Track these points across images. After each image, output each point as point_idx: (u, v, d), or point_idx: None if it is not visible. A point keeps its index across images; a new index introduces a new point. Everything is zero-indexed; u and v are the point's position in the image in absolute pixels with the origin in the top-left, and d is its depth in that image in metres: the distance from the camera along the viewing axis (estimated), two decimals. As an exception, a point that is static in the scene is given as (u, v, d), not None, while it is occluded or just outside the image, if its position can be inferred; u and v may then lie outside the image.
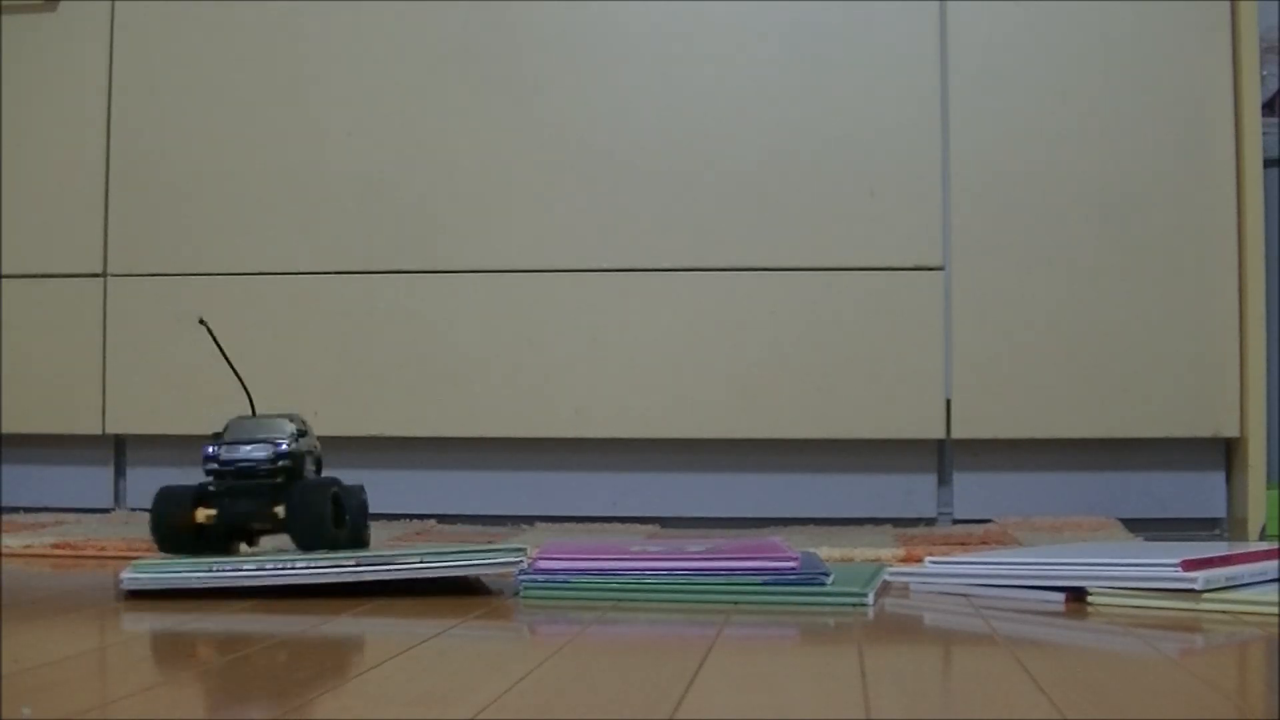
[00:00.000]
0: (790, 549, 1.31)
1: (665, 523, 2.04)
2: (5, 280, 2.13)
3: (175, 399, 2.08)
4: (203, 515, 1.43)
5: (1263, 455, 1.89)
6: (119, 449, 2.17)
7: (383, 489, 1.88)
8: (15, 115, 2.14)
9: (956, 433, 1.97)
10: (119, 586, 1.29)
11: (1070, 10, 1.97)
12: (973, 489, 2.02)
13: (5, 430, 2.11)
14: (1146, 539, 1.75)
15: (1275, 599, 1.14)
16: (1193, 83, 1.94)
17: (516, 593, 1.29)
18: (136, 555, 1.55)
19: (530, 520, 2.05)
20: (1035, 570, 1.28)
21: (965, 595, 1.28)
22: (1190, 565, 1.18)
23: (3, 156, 2.13)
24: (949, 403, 1.97)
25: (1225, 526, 1.99)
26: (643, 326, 2.01)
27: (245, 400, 1.56)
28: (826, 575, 1.26)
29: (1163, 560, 1.20)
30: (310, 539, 1.42)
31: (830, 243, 1.99)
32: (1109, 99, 1.96)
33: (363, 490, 1.52)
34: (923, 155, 1.98)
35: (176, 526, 1.43)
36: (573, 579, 1.28)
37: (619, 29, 2.04)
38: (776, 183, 2.00)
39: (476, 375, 2.03)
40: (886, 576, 1.36)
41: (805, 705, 0.81)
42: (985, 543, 1.68)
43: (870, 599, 1.23)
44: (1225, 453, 2.00)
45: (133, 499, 2.15)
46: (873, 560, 1.54)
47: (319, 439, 1.53)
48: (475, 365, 2.03)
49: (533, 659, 0.96)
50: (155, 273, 2.10)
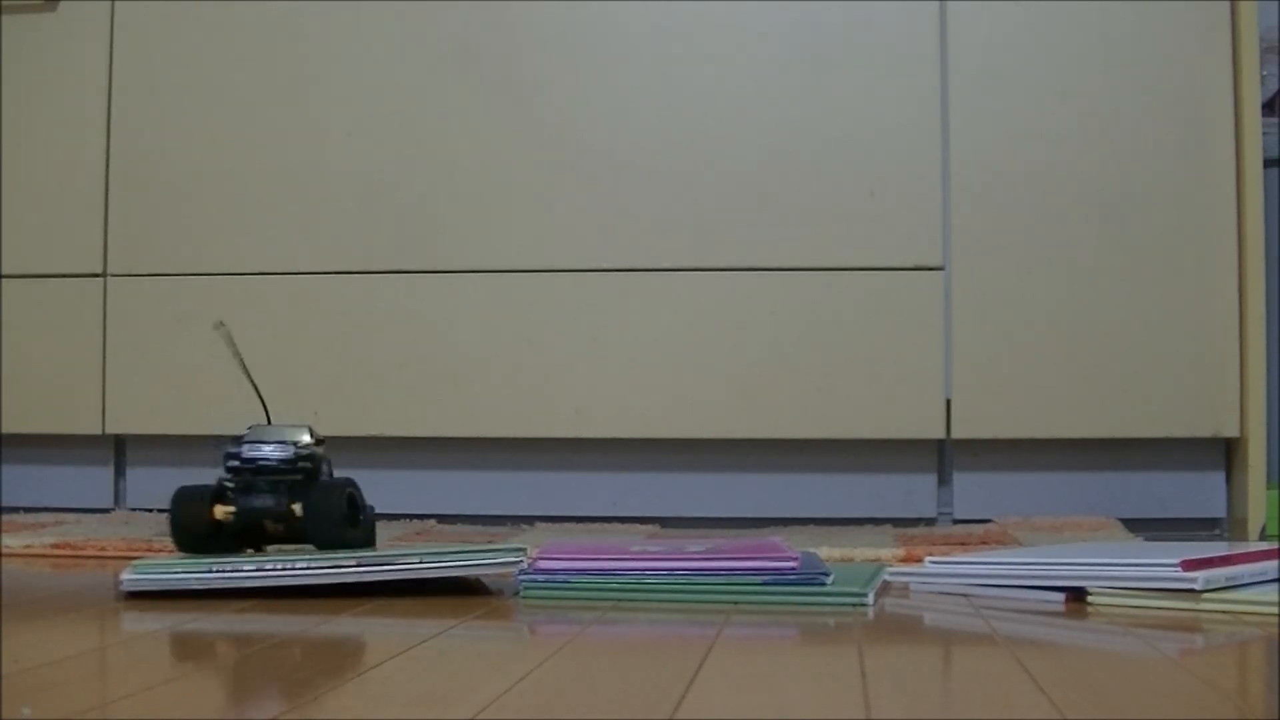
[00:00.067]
0: (790, 549, 1.31)
1: (665, 523, 2.04)
2: (5, 280, 2.13)
3: (175, 399, 2.08)
4: (221, 512, 1.45)
5: (1263, 455, 1.89)
6: (119, 449, 2.17)
7: (383, 489, 1.88)
8: (15, 115, 2.14)
9: (956, 433, 1.97)
10: (119, 587, 1.29)
11: (1070, 10, 1.97)
12: (973, 489, 2.02)
13: (5, 430, 2.11)
14: (1146, 539, 1.75)
15: (1275, 599, 1.14)
16: (1193, 83, 1.94)
17: (516, 593, 1.29)
18: (136, 555, 1.55)
19: (530, 520, 2.05)
20: (1035, 570, 1.28)
21: (965, 595, 1.28)
22: (1190, 565, 1.18)
23: (3, 156, 2.13)
24: (949, 403, 1.97)
25: (1225, 526, 1.99)
26: (643, 326, 2.01)
27: (245, 400, 1.56)
28: (826, 575, 1.26)
29: (1163, 560, 1.20)
30: (326, 538, 1.43)
31: (830, 243, 1.99)
32: (1109, 99, 1.96)
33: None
34: (923, 155, 1.98)
35: (194, 524, 1.45)
36: (573, 579, 1.28)
37: (619, 29, 2.04)
38: (776, 183, 2.00)
39: (476, 375, 2.03)
40: (886, 576, 1.36)
41: (805, 705, 0.81)
42: (985, 543, 1.68)
43: (870, 599, 1.23)
44: (1225, 453, 2.00)
45: (133, 499, 2.16)
46: (873, 560, 1.54)
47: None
48: (475, 365, 2.03)
49: (533, 659, 0.96)
50: (155, 273, 2.10)
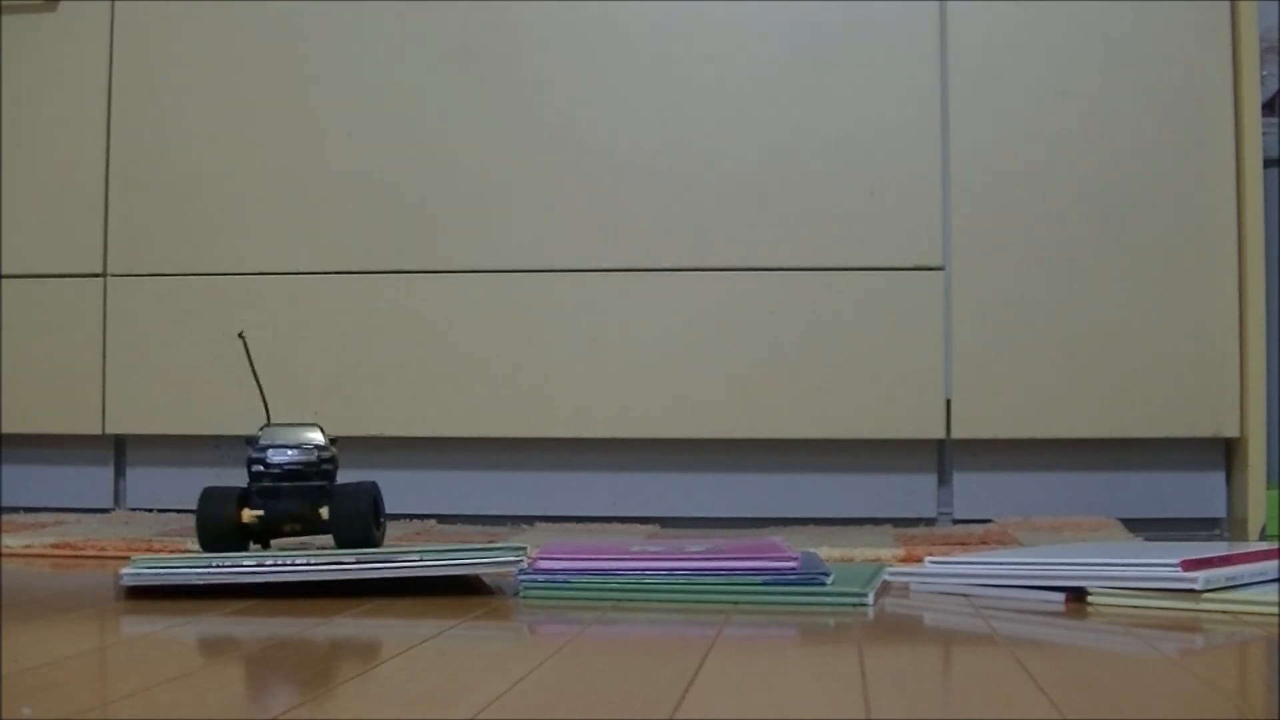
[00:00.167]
0: (790, 549, 1.31)
1: (665, 523, 2.04)
2: (5, 280, 2.13)
3: (175, 399, 2.08)
4: (249, 515, 1.49)
5: (1263, 455, 1.89)
6: (119, 449, 2.17)
7: (383, 489, 1.87)
8: (15, 115, 2.14)
9: (956, 433, 1.97)
10: (119, 583, 1.29)
11: (1070, 10, 1.97)
12: (973, 489, 2.02)
13: (5, 430, 2.11)
14: (1146, 539, 1.75)
15: (1275, 599, 1.14)
16: (1193, 83, 1.94)
17: (516, 593, 1.29)
18: (136, 555, 1.55)
19: (530, 520, 2.05)
20: (1035, 570, 1.28)
21: (965, 595, 1.28)
22: (1190, 565, 1.18)
23: (3, 156, 2.13)
24: (949, 403, 1.97)
25: (1225, 526, 1.99)
26: (643, 326, 2.01)
27: (245, 400, 1.57)
28: (826, 575, 1.26)
29: (1163, 560, 1.20)
30: (352, 538, 1.48)
31: (830, 243, 1.99)
32: (1109, 99, 1.96)
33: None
34: (923, 155, 1.98)
35: (221, 525, 1.49)
36: (573, 579, 1.28)
37: (619, 29, 2.04)
38: (776, 183, 2.00)
39: (476, 375, 2.03)
40: (886, 576, 1.36)
41: (805, 705, 0.81)
42: (985, 543, 1.68)
43: (870, 599, 1.23)
44: (1225, 453, 2.00)
45: (133, 499, 2.16)
46: (873, 560, 1.54)
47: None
48: (475, 365, 2.03)
49: (533, 659, 0.96)
50: (155, 273, 2.10)
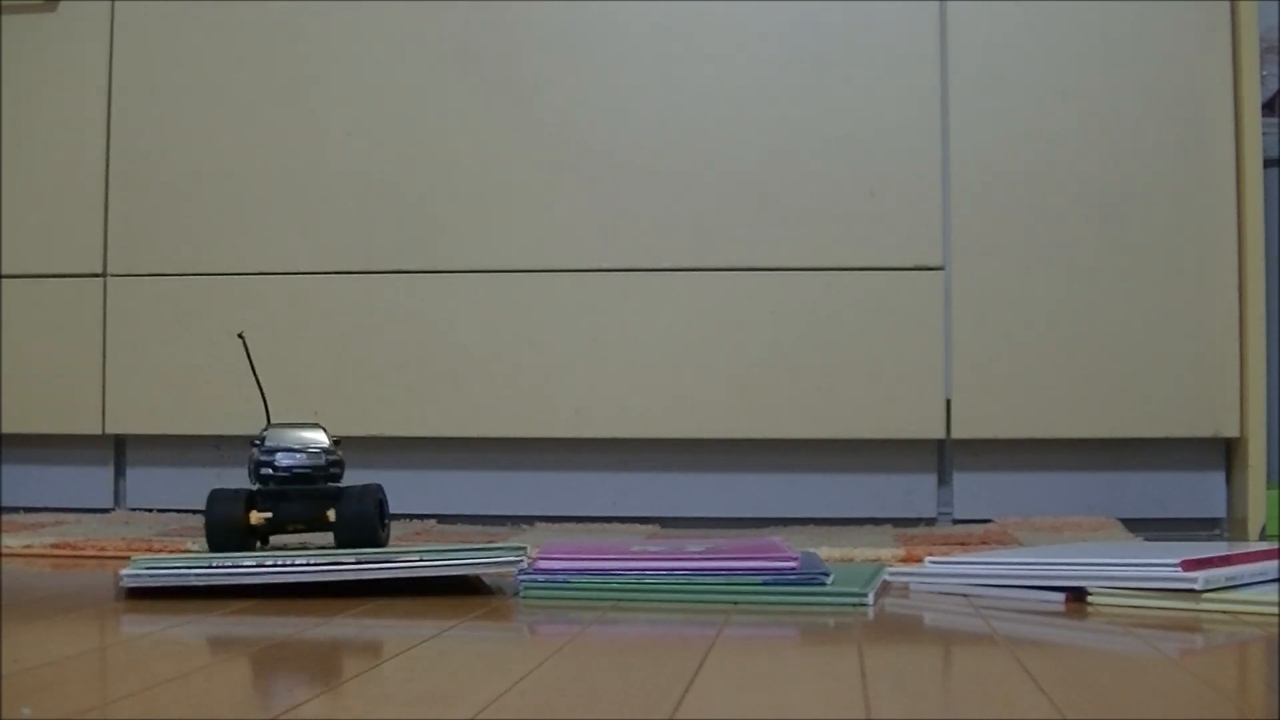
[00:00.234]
0: (790, 549, 1.31)
1: (665, 523, 2.04)
2: (5, 280, 2.13)
3: (175, 399, 2.08)
4: (257, 518, 1.49)
5: (1263, 455, 1.89)
6: (119, 449, 2.17)
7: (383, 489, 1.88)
8: (15, 115, 2.14)
9: (956, 433, 1.97)
10: (118, 584, 1.29)
11: (1070, 10, 1.97)
12: (973, 489, 2.02)
13: (5, 430, 2.11)
14: (1146, 539, 1.75)
15: (1275, 599, 1.14)
16: (1193, 83, 1.94)
17: (516, 593, 1.29)
18: (136, 555, 1.55)
19: (530, 520, 2.05)
20: (1035, 570, 1.28)
21: (965, 595, 1.28)
22: (1190, 565, 1.18)
23: (3, 156, 2.13)
24: (949, 403, 1.97)
25: (1225, 526, 1.99)
26: (643, 326, 2.01)
27: (244, 401, 1.57)
28: (826, 575, 1.26)
29: (1163, 560, 1.20)
30: (358, 540, 1.48)
31: (830, 243, 1.99)
32: (1109, 99, 1.96)
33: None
34: (923, 155, 1.98)
35: (229, 527, 1.48)
36: (573, 579, 1.28)
37: (619, 29, 2.04)
38: (776, 183, 2.00)
39: (476, 375, 2.03)
40: (886, 576, 1.36)
41: (805, 705, 0.81)
42: (985, 543, 1.68)
43: (870, 599, 1.23)
44: (1225, 453, 2.00)
45: (133, 499, 2.16)
46: (873, 560, 1.54)
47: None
48: (475, 365, 2.03)
49: (533, 659, 0.96)
50: (155, 273, 2.10)
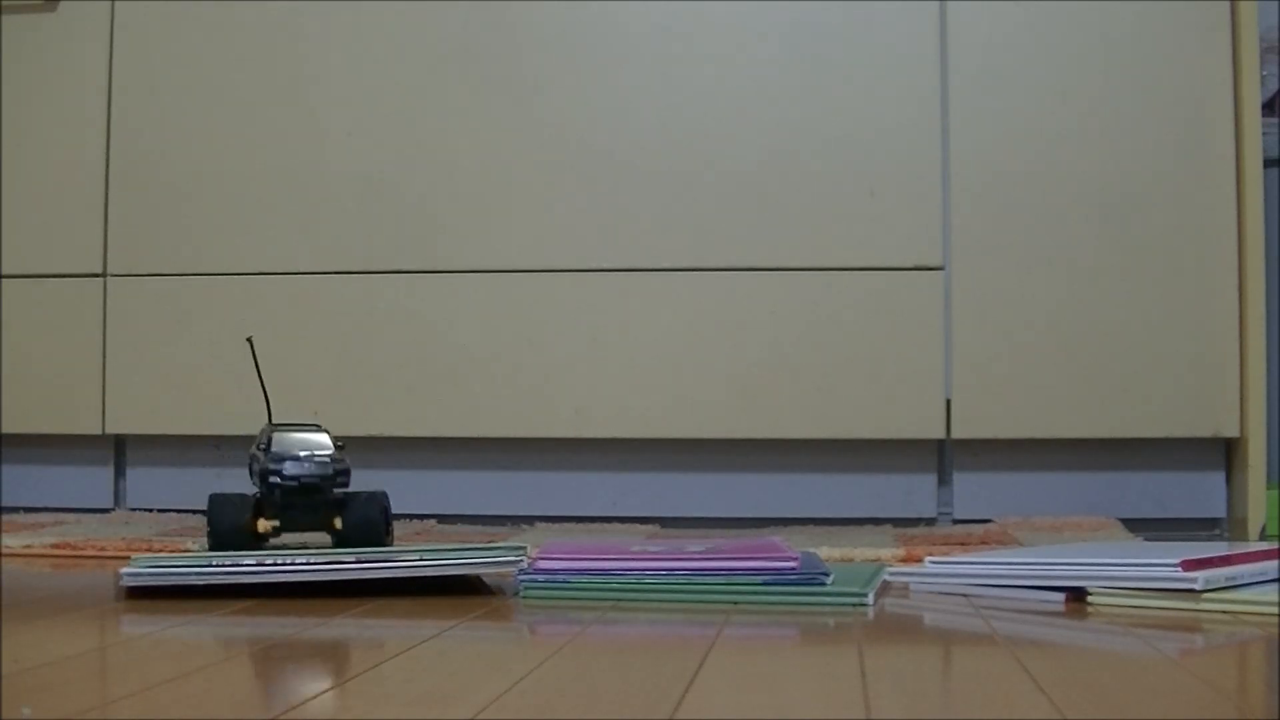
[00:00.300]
0: (790, 549, 1.31)
1: (665, 523, 2.04)
2: (5, 280, 2.13)
3: (175, 399, 2.08)
4: (265, 526, 1.48)
5: (1263, 455, 1.89)
6: (119, 449, 2.17)
7: (383, 489, 1.87)
8: (15, 115, 2.14)
9: (956, 433, 1.97)
10: (119, 583, 1.29)
11: (1070, 10, 1.97)
12: (973, 489, 2.02)
13: (5, 430, 2.11)
14: (1146, 539, 1.75)
15: (1275, 599, 1.14)
16: (1193, 83, 1.94)
17: (516, 593, 1.29)
18: (136, 555, 1.55)
19: (530, 520, 2.05)
20: (1035, 570, 1.28)
21: (965, 595, 1.28)
22: (1190, 565, 1.18)
23: (3, 156, 2.13)
24: (949, 403, 1.97)
25: (1225, 526, 1.99)
26: (643, 326, 2.01)
27: (244, 401, 1.56)
28: (826, 575, 1.26)
29: (1163, 560, 1.20)
30: (364, 546, 1.49)
31: (830, 243, 1.99)
32: (1109, 99, 1.96)
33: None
34: (923, 155, 1.98)
35: (236, 536, 1.48)
36: (573, 579, 1.28)
37: (619, 29, 2.04)
38: (776, 183, 2.00)
39: (476, 375, 2.03)
40: (886, 576, 1.36)
41: (805, 705, 0.81)
42: (985, 543, 1.68)
43: (870, 599, 1.23)
44: (1225, 453, 2.00)
45: (133, 499, 2.16)
46: (873, 560, 1.54)
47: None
48: (475, 365, 2.03)
49: (533, 659, 0.96)
50: (155, 273, 2.10)
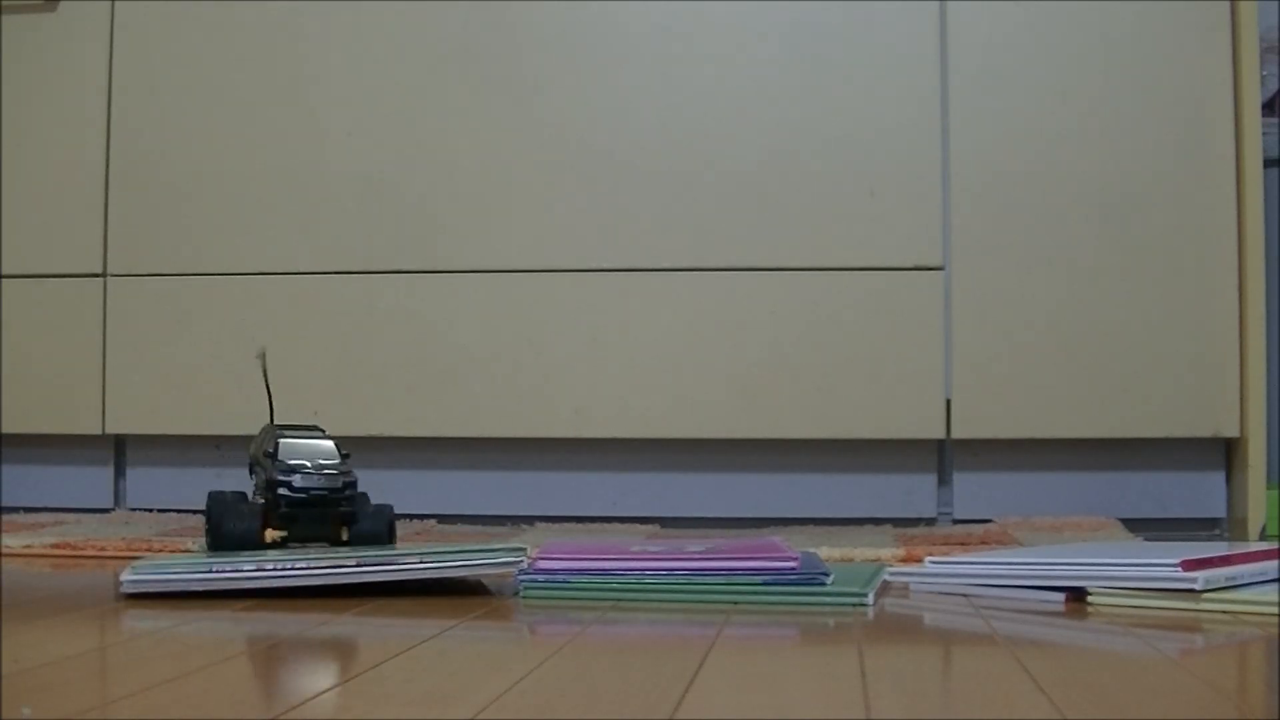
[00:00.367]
0: (790, 549, 1.31)
1: (665, 523, 2.04)
2: (5, 280, 2.13)
3: (175, 399, 2.08)
4: (272, 536, 1.48)
5: (1263, 455, 1.89)
6: (119, 449, 2.17)
7: (382, 489, 1.88)
8: (15, 115, 2.13)
9: (956, 433, 1.97)
10: (119, 588, 1.29)
11: (1070, 10, 1.97)
12: (973, 489, 2.02)
13: (5, 430, 2.11)
14: (1146, 539, 1.75)
15: (1275, 599, 1.14)
16: (1193, 83, 1.94)
17: (516, 593, 1.29)
18: (136, 555, 1.55)
19: (530, 520, 2.05)
20: (1035, 570, 1.28)
21: (965, 595, 1.28)
22: (1190, 565, 1.18)
23: (3, 156, 2.13)
24: (949, 403, 1.97)
25: (1225, 526, 1.99)
26: (643, 326, 2.01)
27: (244, 401, 1.56)
28: (826, 575, 1.26)
29: (1163, 560, 1.20)
30: None
31: (830, 243, 1.99)
32: (1109, 99, 1.96)
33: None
34: (923, 155, 1.98)
35: (243, 544, 1.47)
36: (573, 579, 1.28)
37: (619, 29, 2.04)
38: (776, 183, 2.00)
39: (476, 375, 2.03)
40: (886, 576, 1.36)
41: (805, 705, 0.81)
42: (985, 543, 1.68)
43: (870, 599, 1.23)
44: (1225, 453, 2.00)
45: (133, 499, 2.16)
46: (873, 560, 1.54)
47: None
48: (475, 365, 2.03)
49: (533, 659, 0.96)
50: (155, 273, 2.10)
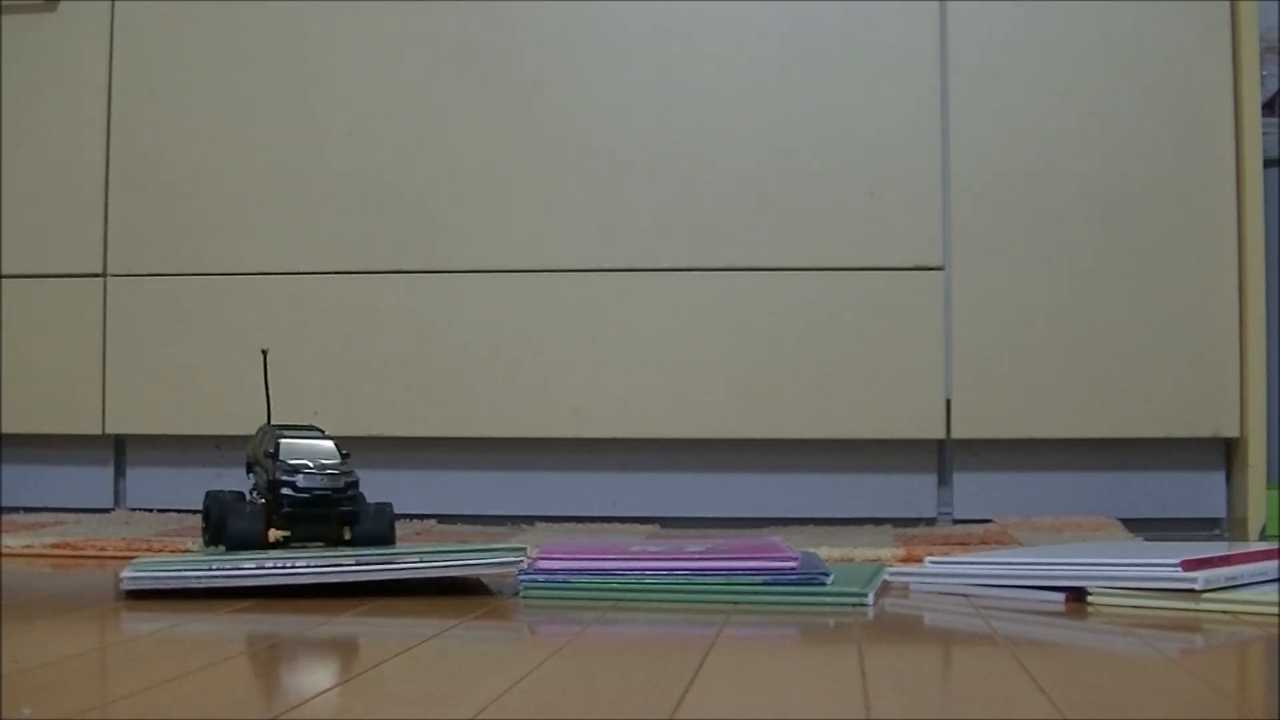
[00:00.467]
0: (790, 549, 1.31)
1: (665, 523, 2.04)
2: (5, 280, 2.13)
3: (175, 399, 2.08)
4: (275, 536, 1.47)
5: (1263, 455, 1.89)
6: (119, 449, 2.17)
7: (382, 489, 1.88)
8: (15, 115, 2.14)
9: (956, 433, 1.97)
10: (119, 586, 1.29)
11: (1070, 10, 1.97)
12: (973, 489, 2.02)
13: (5, 430, 2.11)
14: (1146, 539, 1.75)
15: (1275, 599, 1.14)
16: (1193, 83, 1.94)
17: (516, 593, 1.29)
18: (136, 555, 1.55)
19: (530, 520, 2.05)
20: (1035, 570, 1.28)
21: (965, 595, 1.28)
22: (1190, 565, 1.18)
23: (3, 156, 2.13)
24: (949, 403, 1.97)
25: (1225, 526, 1.99)
26: (643, 326, 2.01)
27: (244, 401, 1.56)
28: (826, 575, 1.26)
29: (1163, 560, 1.20)
30: None
31: (830, 243, 1.99)
32: (1109, 99, 1.96)
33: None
34: (923, 155, 1.98)
35: (245, 544, 1.46)
36: (573, 579, 1.28)
37: (619, 29, 2.04)
38: (776, 183, 2.00)
39: (476, 375, 2.03)
40: (886, 576, 1.36)
41: (805, 705, 0.81)
42: (985, 543, 1.68)
43: (870, 599, 1.23)
44: (1225, 453, 2.00)
45: (133, 499, 2.16)
46: (873, 560, 1.54)
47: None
48: (475, 365, 2.03)
49: (533, 659, 0.96)
50: (155, 273, 2.10)
